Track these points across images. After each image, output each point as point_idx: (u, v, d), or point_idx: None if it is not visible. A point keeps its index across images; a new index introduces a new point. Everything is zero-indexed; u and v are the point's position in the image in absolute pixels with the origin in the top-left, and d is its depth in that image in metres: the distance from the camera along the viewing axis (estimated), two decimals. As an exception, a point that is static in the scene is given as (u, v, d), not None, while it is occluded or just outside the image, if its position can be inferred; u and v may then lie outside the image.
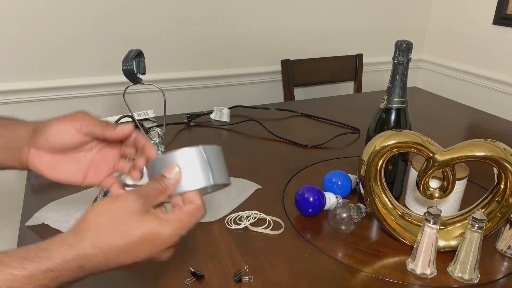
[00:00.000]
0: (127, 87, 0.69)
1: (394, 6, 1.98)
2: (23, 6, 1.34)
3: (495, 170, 0.62)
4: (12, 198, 1.51)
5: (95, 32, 1.46)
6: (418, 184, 0.65)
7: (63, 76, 1.47)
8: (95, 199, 0.72)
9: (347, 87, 2.00)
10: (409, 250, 0.65)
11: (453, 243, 0.64)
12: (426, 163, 0.63)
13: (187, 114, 1.16)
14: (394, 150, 0.63)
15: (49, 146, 0.46)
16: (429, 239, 0.59)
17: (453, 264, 0.61)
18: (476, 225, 0.57)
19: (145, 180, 0.46)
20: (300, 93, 1.93)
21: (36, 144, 0.46)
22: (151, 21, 1.53)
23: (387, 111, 0.73)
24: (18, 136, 0.47)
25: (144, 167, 0.49)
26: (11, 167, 0.49)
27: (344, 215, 0.68)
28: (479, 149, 0.60)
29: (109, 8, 1.45)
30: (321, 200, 0.72)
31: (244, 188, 0.81)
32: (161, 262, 0.43)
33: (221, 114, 1.18)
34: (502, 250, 0.66)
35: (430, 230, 0.58)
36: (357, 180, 0.68)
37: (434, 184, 0.69)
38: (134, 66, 0.65)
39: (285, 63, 1.75)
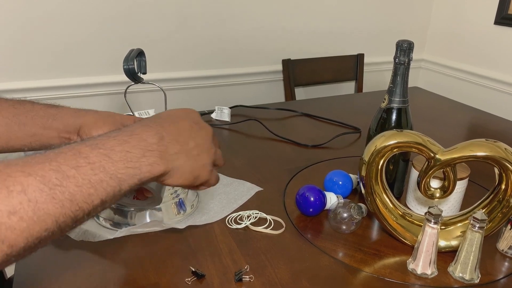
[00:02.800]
0: (128, 87, 0.69)
1: (395, 6, 1.98)
2: (26, 6, 1.34)
3: (496, 170, 0.62)
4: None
5: (96, 32, 1.46)
6: (419, 184, 0.65)
7: (64, 76, 1.48)
8: None
9: (348, 87, 2.00)
10: (410, 250, 0.65)
11: (454, 243, 0.64)
12: (427, 163, 0.63)
13: (188, 113, 1.16)
14: (395, 150, 0.63)
15: None
16: (430, 239, 0.59)
17: (454, 264, 0.61)
18: (477, 225, 0.57)
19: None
20: (301, 93, 1.93)
21: None
22: (152, 21, 1.53)
23: (388, 111, 0.73)
24: (67, 129, 0.58)
25: None
26: None
27: (345, 215, 0.68)
28: (480, 149, 0.60)
29: (111, 8, 1.45)
30: (322, 199, 0.72)
31: (245, 190, 0.81)
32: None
33: (222, 114, 1.18)
34: (503, 250, 0.66)
35: (431, 230, 0.58)
36: (358, 180, 0.68)
37: (435, 184, 0.69)
38: (135, 66, 0.65)
39: (286, 63, 1.76)
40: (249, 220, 0.71)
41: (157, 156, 0.42)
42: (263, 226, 0.70)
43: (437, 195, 0.65)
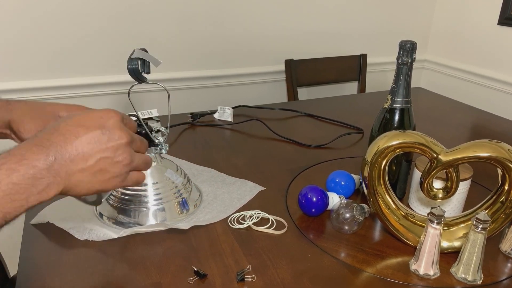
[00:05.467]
0: (132, 86, 0.70)
1: (398, 6, 1.98)
2: (27, 5, 1.34)
3: (499, 171, 0.62)
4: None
5: (100, 31, 1.47)
6: (421, 185, 0.65)
7: (68, 75, 1.48)
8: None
9: (351, 87, 2.00)
10: (412, 250, 0.65)
11: (456, 244, 0.64)
12: (429, 163, 0.63)
13: (191, 113, 1.16)
14: (398, 150, 0.63)
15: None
16: (432, 240, 0.59)
17: (456, 265, 0.61)
18: (480, 226, 0.57)
19: None
20: (304, 93, 1.93)
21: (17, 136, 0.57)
22: (156, 21, 1.54)
23: (391, 111, 0.73)
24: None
25: None
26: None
27: (347, 215, 0.68)
28: (483, 150, 0.60)
29: (114, 8, 1.46)
30: (324, 200, 0.72)
31: (248, 190, 0.81)
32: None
33: (225, 114, 1.18)
34: (505, 251, 0.66)
35: (433, 231, 0.58)
36: (361, 180, 0.68)
37: (437, 184, 0.69)
38: (139, 65, 0.65)
39: (289, 63, 1.75)
40: (251, 220, 0.71)
41: (47, 182, 0.41)
42: (265, 226, 0.70)
43: (440, 195, 0.65)
